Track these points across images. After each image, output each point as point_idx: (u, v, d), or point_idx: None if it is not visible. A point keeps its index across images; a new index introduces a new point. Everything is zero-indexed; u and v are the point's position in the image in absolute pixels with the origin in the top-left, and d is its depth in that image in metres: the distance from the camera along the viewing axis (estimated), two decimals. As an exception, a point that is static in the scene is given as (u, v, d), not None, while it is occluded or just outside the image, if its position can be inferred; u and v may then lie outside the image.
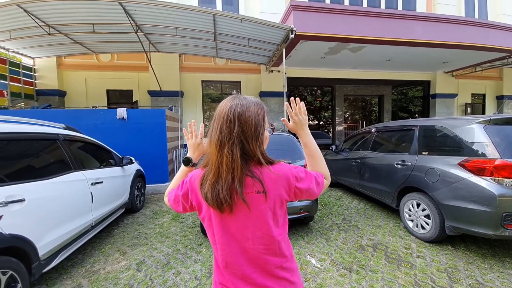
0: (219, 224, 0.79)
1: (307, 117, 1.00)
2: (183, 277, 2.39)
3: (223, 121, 0.77)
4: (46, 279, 2.39)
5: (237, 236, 0.79)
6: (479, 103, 11.12)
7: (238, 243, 0.79)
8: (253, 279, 0.79)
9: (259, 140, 0.80)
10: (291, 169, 0.83)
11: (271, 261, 0.80)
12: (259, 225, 0.78)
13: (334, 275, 2.38)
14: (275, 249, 0.81)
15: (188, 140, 1.03)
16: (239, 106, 0.79)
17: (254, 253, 0.79)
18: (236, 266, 0.79)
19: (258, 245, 0.79)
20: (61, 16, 5.17)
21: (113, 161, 3.77)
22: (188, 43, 6.63)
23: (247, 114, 0.78)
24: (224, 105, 0.80)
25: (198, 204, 0.83)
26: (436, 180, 2.86)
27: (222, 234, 0.79)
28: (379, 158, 4.03)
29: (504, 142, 2.51)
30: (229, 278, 0.80)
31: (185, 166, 1.00)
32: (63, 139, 2.70)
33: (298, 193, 0.84)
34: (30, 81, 7.39)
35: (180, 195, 0.86)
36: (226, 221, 0.79)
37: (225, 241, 0.79)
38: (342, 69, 9.25)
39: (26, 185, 2.02)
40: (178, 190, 0.88)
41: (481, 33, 6.70)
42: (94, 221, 2.87)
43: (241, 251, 0.79)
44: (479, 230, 2.48)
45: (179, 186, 0.88)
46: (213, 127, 0.80)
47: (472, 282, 2.24)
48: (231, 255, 0.79)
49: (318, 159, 0.95)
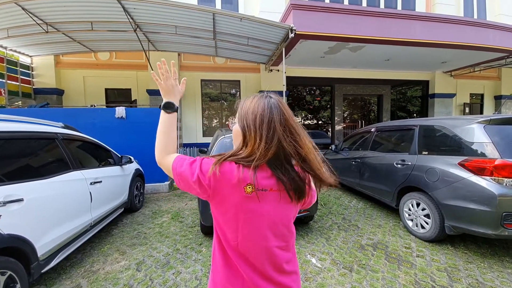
0: (247, 220, 0.76)
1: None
2: (183, 277, 2.38)
3: (268, 117, 0.76)
4: (45, 279, 2.37)
5: (265, 232, 0.77)
6: (477, 103, 11.16)
7: (263, 240, 0.77)
8: (273, 276, 0.79)
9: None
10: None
11: (287, 256, 0.82)
12: (286, 221, 0.81)
13: (335, 274, 2.37)
14: (291, 245, 0.84)
15: (160, 84, 0.89)
16: (278, 102, 0.81)
17: (275, 250, 0.79)
18: (257, 263, 0.77)
19: (282, 241, 0.80)
20: (59, 14, 5.12)
21: (112, 160, 3.75)
22: (187, 41, 6.59)
23: (286, 107, 0.82)
24: (263, 103, 0.79)
25: (222, 197, 0.75)
26: (436, 179, 2.87)
27: (250, 231, 0.76)
28: (379, 158, 4.04)
29: (504, 142, 2.52)
30: (248, 274, 0.77)
31: (167, 113, 0.88)
32: (61, 138, 2.67)
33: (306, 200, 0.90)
34: (27, 80, 7.32)
35: (196, 174, 0.74)
36: (256, 217, 0.76)
37: (251, 238, 0.76)
38: (342, 68, 9.25)
39: (25, 185, 2.00)
40: (194, 167, 0.76)
41: (480, 33, 6.72)
42: (93, 220, 2.85)
43: (264, 248, 0.77)
44: (479, 229, 2.48)
45: (198, 163, 0.77)
46: (259, 126, 0.76)
47: (472, 281, 2.25)
48: (254, 252, 0.77)
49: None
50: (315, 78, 9.34)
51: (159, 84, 0.90)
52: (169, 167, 0.82)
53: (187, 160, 0.79)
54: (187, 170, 0.77)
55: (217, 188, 0.75)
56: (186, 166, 0.78)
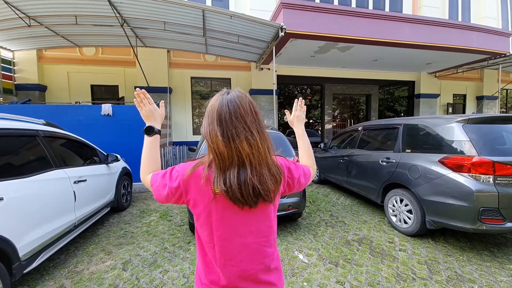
0: (221, 220, 0.76)
1: (305, 115, 1.17)
2: (170, 275, 2.37)
3: (226, 116, 0.74)
4: (28, 280, 2.31)
5: (240, 231, 0.77)
6: (460, 103, 11.59)
7: (240, 238, 0.78)
8: (253, 274, 0.79)
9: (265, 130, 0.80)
10: (284, 161, 0.89)
11: (268, 252, 0.82)
12: (262, 217, 0.80)
13: (321, 269, 2.43)
14: (272, 241, 0.84)
15: (141, 110, 0.93)
16: (235, 97, 0.77)
17: (255, 246, 0.79)
18: (235, 262, 0.78)
19: (261, 237, 0.80)
20: (41, 7, 4.93)
21: (97, 158, 3.67)
22: (176, 38, 6.50)
23: (248, 103, 0.79)
24: (219, 100, 0.77)
25: (194, 200, 0.77)
26: (418, 176, 2.97)
27: (224, 230, 0.77)
28: (365, 156, 4.14)
29: (481, 140, 2.63)
30: (226, 274, 0.78)
31: (149, 136, 0.91)
32: (43, 135, 2.59)
33: (291, 183, 0.90)
34: (9, 75, 7.02)
35: (168, 185, 0.78)
36: (230, 216, 0.77)
37: (227, 237, 0.77)
38: (331, 68, 9.37)
39: (4, 184, 1.93)
40: (165, 178, 0.80)
41: (464, 35, 6.96)
42: (77, 220, 2.78)
43: (242, 245, 0.78)
44: (458, 224, 2.60)
45: (168, 174, 0.80)
46: (213, 123, 0.75)
47: (451, 273, 2.35)
48: (231, 251, 0.77)
49: (309, 151, 1.10)
50: (305, 77, 9.42)
51: (140, 111, 0.94)
52: (148, 184, 0.86)
53: (160, 174, 0.83)
54: (160, 182, 0.81)
55: (188, 190, 0.77)
56: (160, 179, 0.82)
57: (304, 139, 1.10)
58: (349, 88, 10.71)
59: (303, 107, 1.15)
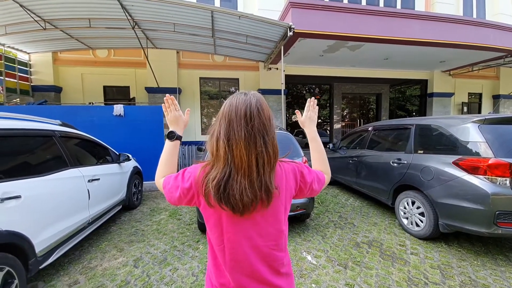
0: (231, 224, 0.76)
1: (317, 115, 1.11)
2: (180, 273, 2.41)
3: (239, 117, 0.73)
4: (43, 275, 2.39)
5: (250, 234, 0.77)
6: (475, 102, 11.20)
7: (249, 241, 0.77)
8: (262, 277, 0.78)
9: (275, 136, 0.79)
10: (296, 165, 0.88)
11: (278, 257, 0.81)
12: (272, 221, 0.79)
13: (330, 271, 2.41)
14: (282, 245, 0.83)
15: (167, 115, 0.96)
16: (255, 100, 0.76)
17: (265, 250, 0.78)
18: (245, 265, 0.77)
19: (270, 241, 0.79)
20: (56, 10, 5.10)
21: (110, 158, 3.76)
22: (186, 39, 6.58)
23: (264, 107, 0.77)
24: (237, 101, 0.75)
25: (204, 202, 0.77)
26: (431, 178, 2.90)
27: (234, 233, 0.76)
28: (375, 156, 4.06)
29: (498, 142, 2.54)
30: (235, 277, 0.78)
31: (170, 140, 0.93)
32: (59, 135, 2.68)
33: (303, 187, 0.88)
34: (25, 77, 7.31)
35: (180, 186, 0.79)
36: (239, 219, 0.76)
37: (236, 240, 0.76)
38: (341, 67, 9.25)
39: (22, 182, 2.02)
40: (177, 180, 0.80)
41: (479, 32, 6.73)
42: (91, 218, 2.87)
43: (252, 249, 0.77)
44: (472, 228, 2.51)
45: (180, 176, 0.81)
46: (225, 125, 0.74)
47: (464, 278, 2.28)
48: (241, 254, 0.77)
49: (323, 154, 1.04)
50: (314, 76, 9.34)
51: (166, 116, 0.97)
52: (161, 187, 0.88)
53: (173, 176, 0.84)
54: (173, 183, 0.82)
55: (199, 191, 0.77)
56: (172, 181, 0.83)
57: (317, 141, 1.04)
58: (359, 87, 10.54)
59: (315, 108, 1.10)
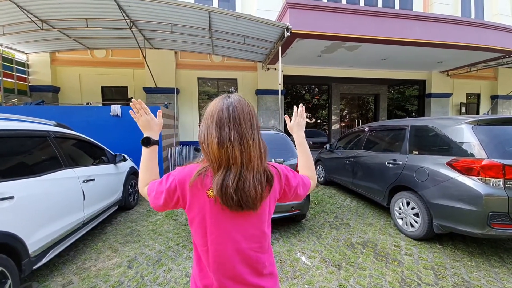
0: (215, 224, 0.76)
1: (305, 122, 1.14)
2: (174, 274, 2.41)
3: (223, 119, 0.74)
4: (37, 275, 2.40)
5: (234, 235, 0.77)
6: (473, 103, 11.22)
7: (233, 243, 0.77)
8: (245, 279, 0.78)
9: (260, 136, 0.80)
10: (281, 168, 0.88)
11: (262, 258, 0.81)
12: (256, 223, 0.79)
13: (323, 272, 2.41)
14: (266, 246, 0.83)
15: (138, 121, 0.94)
16: (235, 101, 0.77)
17: (248, 252, 0.78)
18: (228, 267, 0.77)
19: (254, 243, 0.79)
20: (53, 11, 5.11)
21: (106, 158, 3.77)
22: (183, 39, 6.59)
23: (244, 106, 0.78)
24: (220, 103, 0.77)
25: (190, 202, 0.78)
26: (425, 179, 2.90)
27: (218, 235, 0.76)
28: (371, 157, 4.07)
29: (491, 143, 2.55)
30: (218, 279, 0.78)
31: (146, 147, 0.91)
32: (53, 136, 2.69)
33: (287, 191, 0.88)
34: (23, 77, 7.31)
35: (165, 190, 0.79)
36: (223, 220, 0.76)
37: (220, 241, 0.77)
38: (339, 67, 9.26)
39: (15, 183, 2.02)
40: (162, 185, 0.81)
41: (477, 33, 6.74)
42: (86, 218, 2.87)
43: (235, 250, 0.77)
44: (466, 228, 2.52)
45: (164, 180, 0.81)
46: (211, 127, 0.75)
47: (457, 279, 2.29)
48: (224, 255, 0.77)
49: (309, 159, 1.06)
50: (312, 77, 9.35)
51: (137, 122, 0.94)
52: (146, 195, 0.88)
53: (157, 182, 0.84)
54: (157, 189, 0.82)
55: (185, 193, 0.78)
56: (156, 186, 0.83)
57: (305, 147, 1.05)
58: (357, 87, 10.54)
59: (303, 114, 1.12)
